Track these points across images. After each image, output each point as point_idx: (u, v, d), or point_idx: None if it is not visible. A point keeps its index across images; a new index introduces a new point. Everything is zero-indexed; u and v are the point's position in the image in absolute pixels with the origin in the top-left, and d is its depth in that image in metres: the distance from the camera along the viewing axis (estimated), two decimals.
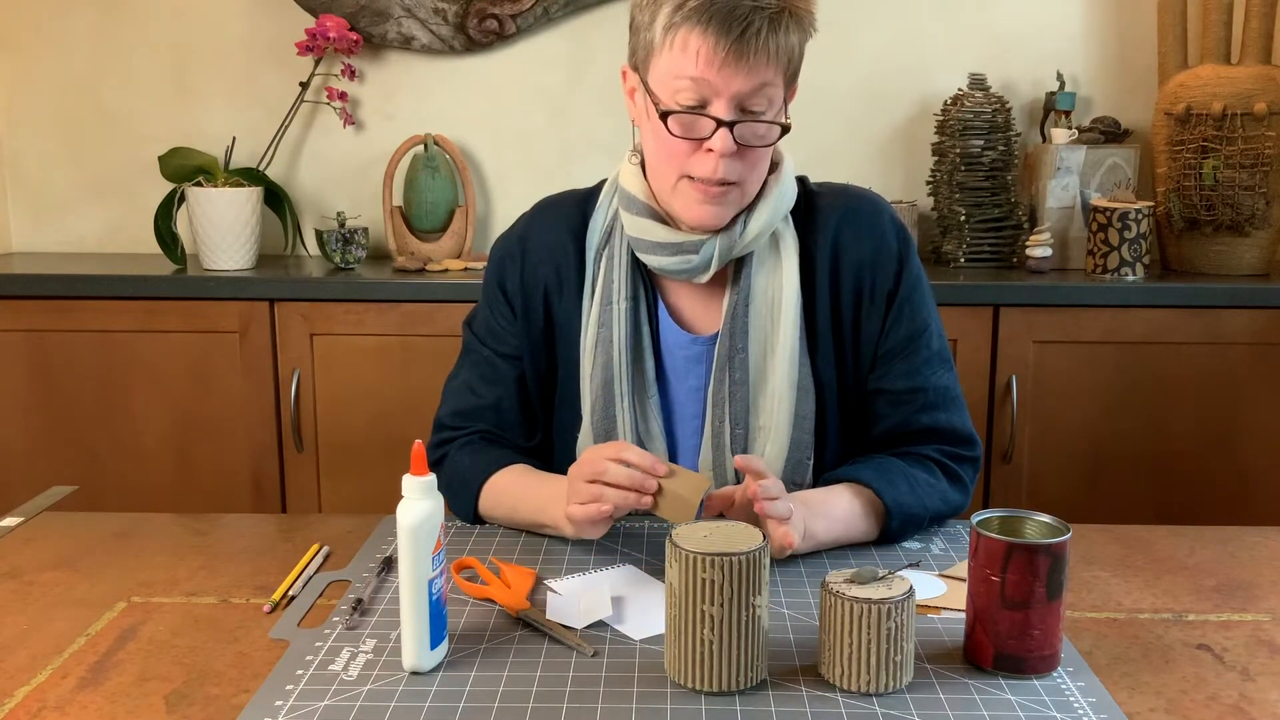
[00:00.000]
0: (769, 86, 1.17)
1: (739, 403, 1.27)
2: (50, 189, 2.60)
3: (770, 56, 1.15)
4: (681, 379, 1.31)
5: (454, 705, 0.89)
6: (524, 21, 2.47)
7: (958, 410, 1.32)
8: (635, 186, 1.28)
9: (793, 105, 1.25)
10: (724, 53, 1.13)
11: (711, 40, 1.13)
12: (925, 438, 1.30)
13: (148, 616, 1.07)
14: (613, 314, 1.28)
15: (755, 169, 1.21)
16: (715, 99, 1.16)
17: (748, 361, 1.27)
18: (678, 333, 1.31)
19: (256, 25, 2.52)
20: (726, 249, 1.25)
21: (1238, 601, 1.11)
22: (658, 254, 1.27)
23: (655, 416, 1.29)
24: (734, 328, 1.27)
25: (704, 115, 1.17)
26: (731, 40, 1.13)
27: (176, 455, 2.24)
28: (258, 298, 2.18)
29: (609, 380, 1.28)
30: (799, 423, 1.27)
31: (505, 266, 1.36)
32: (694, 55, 1.15)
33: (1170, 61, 2.33)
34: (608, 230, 1.32)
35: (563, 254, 1.33)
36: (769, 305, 1.27)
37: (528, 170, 2.56)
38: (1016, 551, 0.92)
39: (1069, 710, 0.89)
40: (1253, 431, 2.16)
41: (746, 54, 1.13)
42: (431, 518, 0.94)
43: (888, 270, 1.29)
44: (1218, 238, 2.27)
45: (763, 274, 1.28)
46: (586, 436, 1.30)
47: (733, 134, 1.16)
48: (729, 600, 0.89)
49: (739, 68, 1.14)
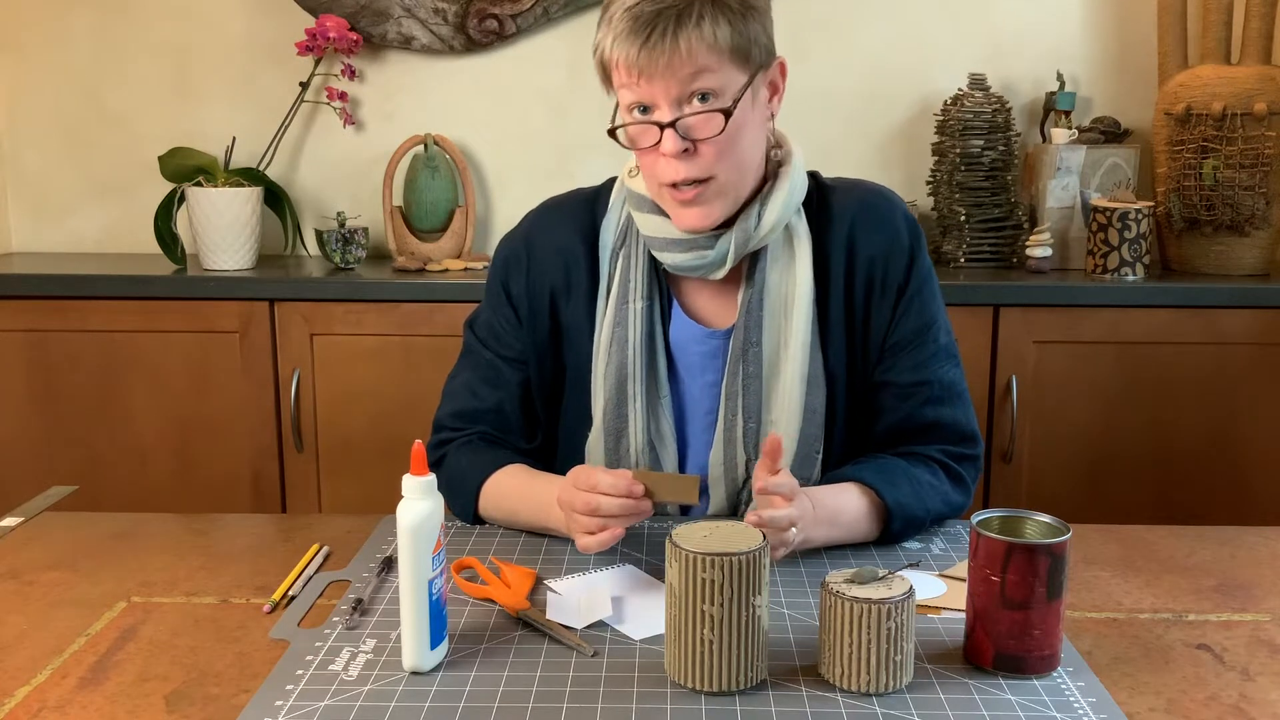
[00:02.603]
0: (704, 75, 1.16)
1: (752, 396, 1.27)
2: (50, 189, 2.60)
3: (686, 51, 1.15)
4: (695, 375, 1.31)
5: (454, 705, 0.89)
6: (524, 21, 2.47)
7: (962, 406, 1.32)
8: (643, 187, 1.28)
9: (792, 105, 1.24)
10: (638, 59, 1.15)
11: (625, 53, 1.16)
12: (929, 433, 1.30)
13: (148, 616, 1.07)
14: (629, 313, 1.28)
15: (724, 160, 1.20)
16: (654, 105, 1.19)
17: (761, 355, 1.27)
18: (692, 327, 1.31)
19: (256, 25, 2.52)
20: (742, 243, 1.25)
21: (1238, 601, 1.11)
22: (673, 251, 1.27)
23: (666, 416, 1.30)
24: (748, 322, 1.27)
25: (647, 122, 1.19)
26: (639, 47, 1.15)
27: (176, 455, 2.24)
28: (257, 298, 2.18)
29: (623, 381, 1.28)
30: (809, 416, 1.27)
31: (510, 269, 1.35)
32: (620, 71, 1.18)
33: (1170, 61, 2.33)
34: (624, 229, 1.32)
35: (571, 256, 1.33)
36: (783, 299, 1.28)
37: (528, 170, 2.56)
38: (1016, 551, 0.92)
39: (1069, 710, 0.89)
40: (1253, 431, 2.16)
41: (658, 55, 1.15)
42: (431, 518, 0.94)
43: (899, 264, 1.30)
44: (1218, 238, 2.27)
45: (776, 269, 1.28)
46: (597, 437, 1.30)
47: (678, 132, 1.17)
48: (729, 600, 0.89)
49: (656, 70, 1.15)
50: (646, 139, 1.20)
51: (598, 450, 1.30)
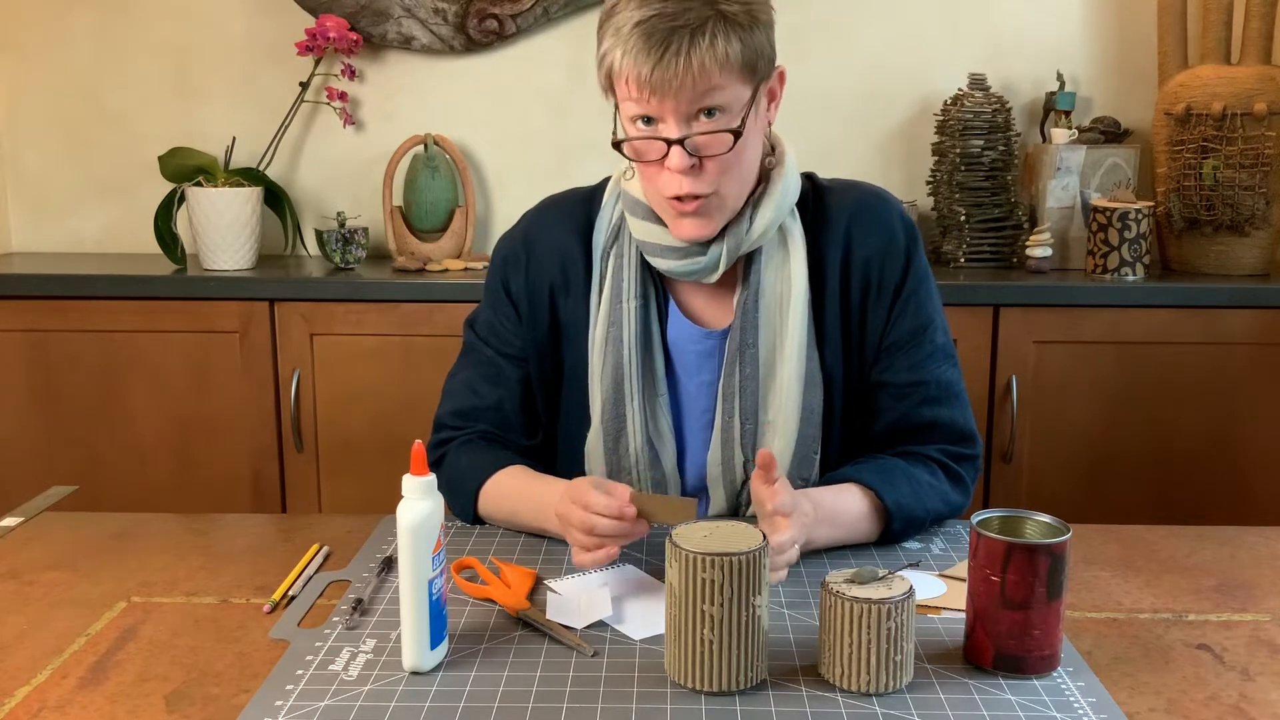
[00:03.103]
0: (715, 92, 1.15)
1: (749, 397, 1.28)
2: (50, 189, 2.60)
3: (699, 70, 1.13)
4: (692, 375, 1.31)
5: (454, 705, 0.89)
6: (524, 21, 2.47)
7: (960, 406, 1.32)
8: (639, 191, 1.28)
9: (792, 105, 1.24)
10: (650, 77, 1.13)
11: (636, 69, 1.14)
12: (926, 432, 1.30)
13: (148, 616, 1.07)
14: (623, 312, 1.29)
15: (728, 175, 1.20)
16: (661, 120, 1.17)
17: (757, 356, 1.28)
18: (689, 328, 1.31)
19: (256, 25, 2.52)
20: (734, 247, 1.25)
21: (1238, 601, 1.11)
22: (666, 257, 1.27)
23: (664, 415, 1.30)
24: (744, 322, 1.28)
25: (655, 138, 1.18)
26: (653, 64, 1.13)
27: (176, 455, 2.24)
28: (258, 298, 2.18)
29: (619, 380, 1.28)
30: (807, 416, 1.27)
31: (509, 267, 1.36)
32: (629, 86, 1.16)
33: (1170, 61, 2.33)
34: (615, 229, 1.32)
35: (569, 254, 1.33)
36: (778, 300, 1.28)
37: (528, 170, 2.56)
38: (1016, 551, 0.92)
39: (1069, 710, 0.89)
40: (1253, 431, 2.16)
41: (672, 75, 1.13)
42: (431, 518, 0.94)
43: (895, 265, 1.30)
44: (1218, 238, 2.27)
45: (771, 269, 1.28)
46: (596, 436, 1.30)
47: (685, 149, 1.16)
48: (729, 600, 0.89)
49: (668, 89, 1.13)
50: (652, 153, 1.19)
51: (597, 449, 1.30)
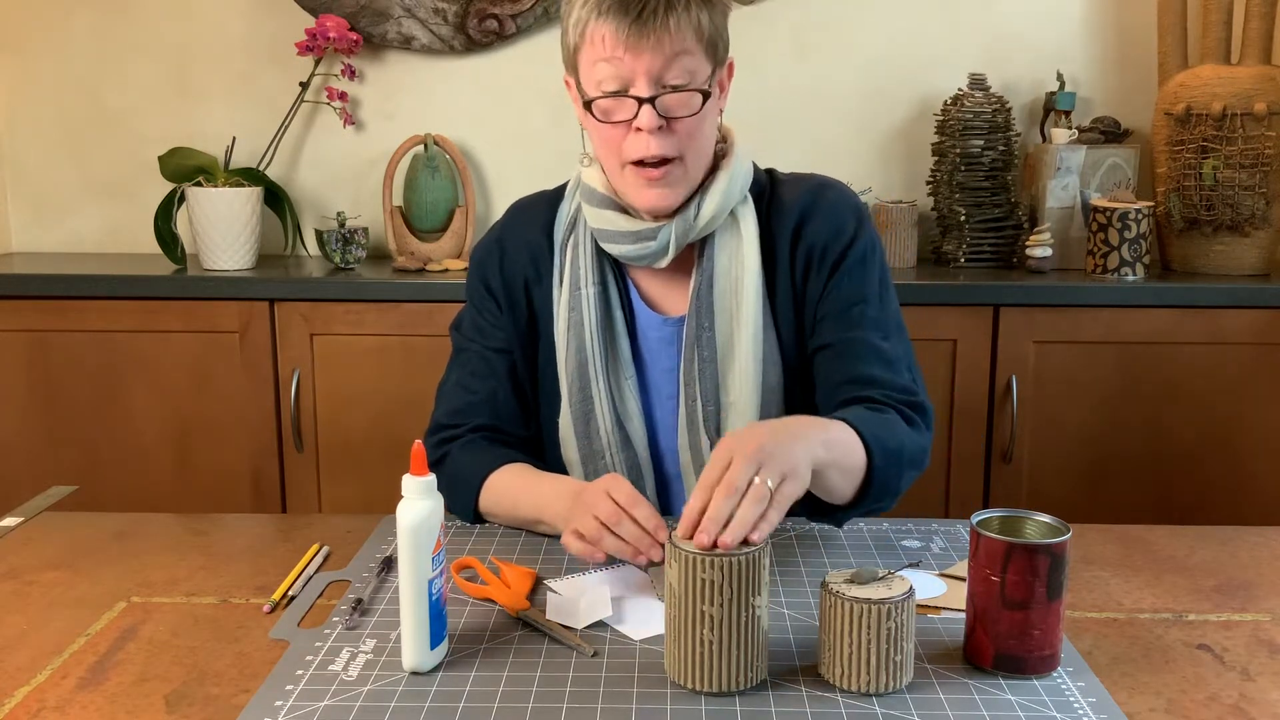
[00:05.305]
0: (684, 57, 1.21)
1: (709, 380, 1.31)
2: (50, 189, 2.60)
3: (674, 31, 1.20)
4: (656, 360, 1.36)
5: (454, 705, 0.89)
6: (524, 21, 2.47)
7: (897, 371, 1.28)
8: (595, 180, 1.34)
9: (792, 105, 1.25)
10: (626, 34, 1.20)
11: (613, 26, 1.20)
12: (869, 385, 1.26)
13: (148, 616, 1.07)
14: (582, 298, 1.33)
15: (693, 141, 1.25)
16: (633, 80, 1.22)
17: (715, 340, 1.31)
18: (650, 315, 1.36)
19: (256, 25, 2.51)
20: (683, 233, 1.29)
21: (1238, 601, 1.11)
22: (619, 242, 1.32)
23: (633, 396, 1.34)
24: (699, 307, 1.31)
25: (626, 97, 1.23)
26: (630, 21, 1.19)
27: (176, 455, 2.24)
28: (257, 298, 2.18)
29: (583, 363, 1.33)
30: (767, 396, 1.30)
31: (486, 265, 1.41)
32: (602, 43, 1.21)
33: (1170, 61, 2.33)
34: (571, 221, 1.38)
35: (537, 248, 1.39)
36: (732, 283, 1.31)
37: (528, 170, 2.55)
38: (1016, 551, 0.92)
39: (1069, 710, 0.89)
40: (1253, 431, 2.16)
41: (648, 32, 1.19)
42: (431, 518, 0.94)
43: (838, 243, 1.32)
44: (1218, 238, 2.27)
45: (724, 254, 1.32)
46: (566, 418, 1.34)
47: (655, 109, 1.21)
48: (729, 600, 0.89)
49: (644, 46, 1.20)
50: (622, 112, 1.24)
51: (569, 432, 1.34)
